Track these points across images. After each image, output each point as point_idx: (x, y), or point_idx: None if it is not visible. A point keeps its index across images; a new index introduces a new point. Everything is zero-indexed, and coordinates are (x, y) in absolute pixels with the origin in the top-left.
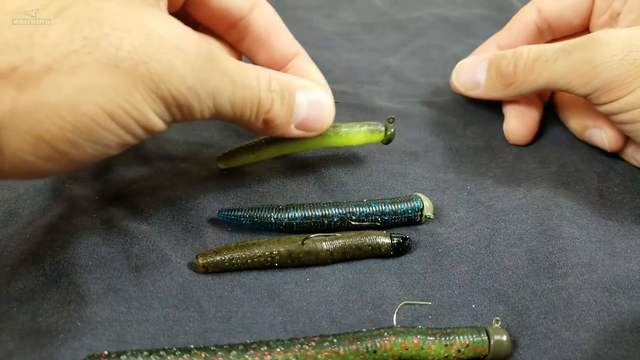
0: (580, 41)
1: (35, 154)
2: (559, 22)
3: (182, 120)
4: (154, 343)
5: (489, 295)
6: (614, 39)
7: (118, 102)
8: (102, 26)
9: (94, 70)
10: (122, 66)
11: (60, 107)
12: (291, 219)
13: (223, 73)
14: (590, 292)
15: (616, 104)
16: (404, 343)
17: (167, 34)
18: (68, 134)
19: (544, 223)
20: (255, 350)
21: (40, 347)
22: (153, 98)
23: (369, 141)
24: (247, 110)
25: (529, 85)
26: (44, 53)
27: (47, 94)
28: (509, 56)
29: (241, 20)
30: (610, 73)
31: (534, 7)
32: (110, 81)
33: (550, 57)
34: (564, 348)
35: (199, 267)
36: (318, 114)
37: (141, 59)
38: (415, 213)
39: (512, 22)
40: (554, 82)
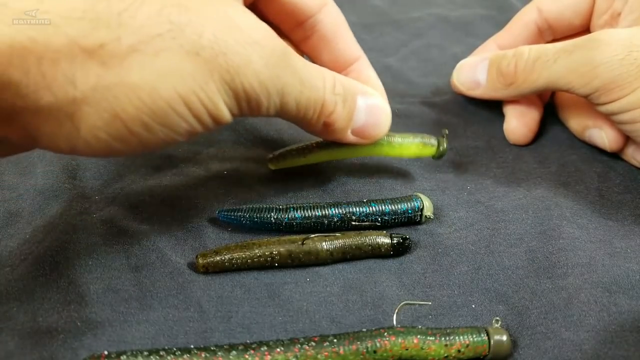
0: (580, 41)
1: (110, 132)
2: (559, 22)
3: (247, 114)
4: (154, 343)
5: (489, 295)
6: (615, 39)
7: (194, 89)
8: (188, 12)
9: (177, 56)
10: (202, 55)
11: (140, 88)
12: (291, 219)
13: (294, 71)
14: (590, 292)
15: (617, 104)
16: (404, 343)
17: (246, 27)
18: (143, 115)
19: (544, 223)
20: (256, 351)
21: (40, 347)
22: (226, 90)
23: (419, 154)
24: (310, 111)
25: (530, 85)
26: (131, 33)
27: (130, 74)
28: (510, 56)
29: (309, 19)
30: (610, 73)
31: (535, 7)
32: (190, 68)
33: (551, 57)
34: (564, 348)
35: (199, 267)
36: (376, 122)
37: (221, 49)
38: (415, 213)
39: (513, 22)
40: (555, 82)
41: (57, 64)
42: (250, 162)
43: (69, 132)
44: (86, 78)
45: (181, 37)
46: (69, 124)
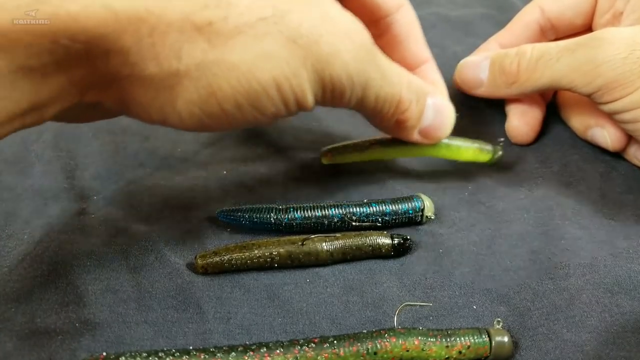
0: (583, 40)
1: (203, 108)
2: (561, 21)
3: (329, 104)
4: (152, 344)
5: (490, 296)
6: (617, 38)
7: (287, 75)
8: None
9: (276, 41)
10: (299, 42)
11: (239, 68)
12: (291, 220)
13: (378, 66)
14: (592, 293)
15: (619, 102)
16: (405, 344)
17: (340, 19)
18: (238, 95)
19: (545, 224)
20: (255, 352)
21: (39, 348)
22: (315, 78)
23: (474, 159)
24: (387, 106)
25: (532, 84)
26: (238, 14)
27: (232, 53)
28: (512, 55)
29: (386, 18)
30: (613, 72)
31: (537, 7)
32: (286, 54)
33: (554, 55)
34: (565, 349)
35: (198, 268)
36: (441, 123)
37: (315, 39)
38: (416, 213)
39: (514, 22)
40: (557, 81)
41: (167, 36)
42: (249, 162)
43: (163, 104)
44: (192, 53)
45: (282, 23)
46: (166, 95)
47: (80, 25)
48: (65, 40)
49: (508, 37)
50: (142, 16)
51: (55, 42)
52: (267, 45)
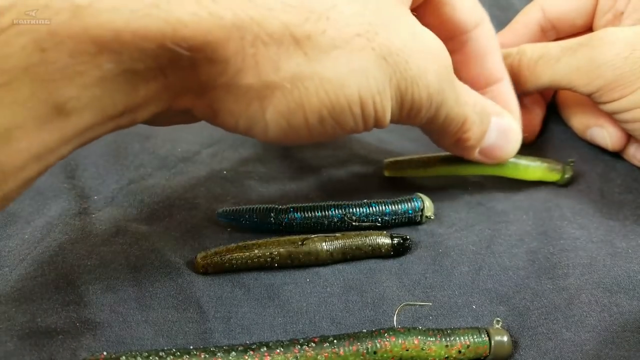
0: (584, 40)
1: (289, 120)
2: (562, 22)
3: (400, 122)
4: (153, 344)
5: (489, 296)
6: (618, 38)
7: (373, 93)
8: (382, 17)
9: (369, 58)
10: (389, 60)
11: (330, 83)
12: (291, 220)
13: (453, 86)
14: (591, 292)
15: (620, 102)
16: (405, 344)
17: (426, 38)
18: (324, 109)
19: (544, 224)
20: (255, 351)
21: (39, 347)
22: (397, 97)
23: (544, 179)
24: (453, 125)
25: (533, 83)
26: (336, 29)
27: (325, 68)
28: (513, 54)
29: (463, 35)
30: (614, 72)
31: (538, 7)
32: (376, 72)
33: (554, 55)
34: (565, 349)
35: (198, 268)
36: (504, 144)
37: (405, 58)
38: (415, 213)
39: (515, 22)
40: (558, 81)
41: (267, 47)
42: (249, 162)
43: (253, 114)
44: (288, 65)
45: (375, 40)
46: (257, 106)
47: (188, 31)
48: (173, 45)
49: (510, 37)
50: (247, 25)
51: (163, 47)
52: (359, 62)
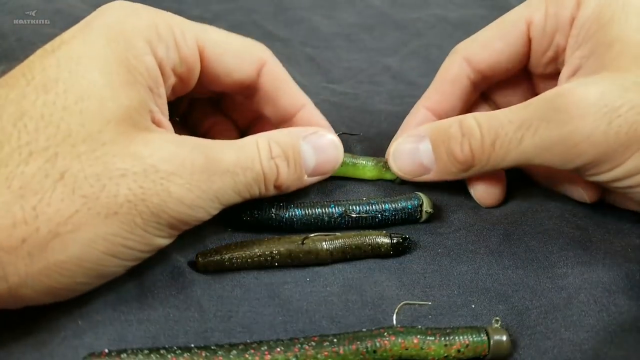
0: (542, 112)
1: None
2: (495, 71)
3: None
4: (154, 342)
5: (488, 295)
6: (587, 108)
7: (120, 243)
8: (100, 179)
9: (95, 224)
10: (120, 211)
11: (67, 263)
12: (292, 216)
13: (222, 172)
14: (590, 291)
15: (609, 174)
16: (404, 343)
17: (160, 162)
18: (78, 277)
19: (543, 223)
20: (256, 350)
21: (41, 345)
22: (155, 226)
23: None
24: (254, 189)
25: (495, 167)
26: (48, 220)
27: (55, 255)
28: (457, 135)
29: (251, 84)
30: (595, 149)
31: (461, 59)
32: (111, 229)
33: (512, 135)
34: (563, 348)
35: (199, 267)
36: (326, 158)
37: (139, 198)
38: (415, 208)
39: (440, 80)
40: (527, 161)
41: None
42: None
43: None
44: (15, 271)
45: (96, 206)
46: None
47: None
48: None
49: (437, 99)
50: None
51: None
52: (87, 232)
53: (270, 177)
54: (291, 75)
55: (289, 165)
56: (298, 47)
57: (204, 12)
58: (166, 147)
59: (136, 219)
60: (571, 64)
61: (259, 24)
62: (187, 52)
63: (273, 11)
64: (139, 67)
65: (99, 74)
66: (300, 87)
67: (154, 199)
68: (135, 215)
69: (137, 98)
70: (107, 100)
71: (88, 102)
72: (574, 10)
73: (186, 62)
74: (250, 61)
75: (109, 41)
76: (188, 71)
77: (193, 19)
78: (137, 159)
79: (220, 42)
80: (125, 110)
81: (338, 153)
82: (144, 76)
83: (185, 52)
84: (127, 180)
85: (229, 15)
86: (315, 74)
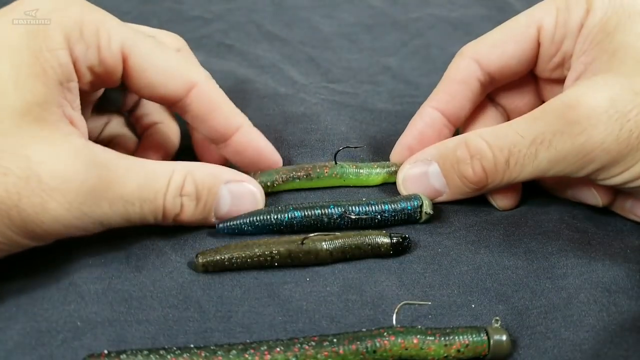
0: (555, 125)
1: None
2: (503, 73)
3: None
4: (154, 343)
5: (488, 295)
6: (600, 117)
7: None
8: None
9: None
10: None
11: None
12: (291, 218)
13: (114, 199)
14: (590, 292)
15: (620, 177)
16: (404, 343)
17: (47, 174)
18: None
19: (543, 225)
20: (255, 350)
21: (40, 346)
22: (22, 233)
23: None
24: (148, 219)
25: (511, 182)
26: None
27: None
28: (467, 158)
29: (178, 102)
30: (608, 155)
31: (471, 61)
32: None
33: (525, 152)
34: (563, 348)
35: (198, 267)
36: (240, 210)
37: (14, 203)
38: (414, 209)
39: (448, 81)
40: (542, 174)
41: None
42: None
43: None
44: None
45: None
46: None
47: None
48: None
49: (445, 100)
50: None
51: None
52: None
53: (171, 213)
54: (291, 75)
55: (197, 205)
56: (298, 47)
57: (204, 12)
58: (60, 158)
59: (4, 220)
60: (576, 70)
61: (259, 24)
62: (107, 55)
63: (273, 11)
64: (51, 61)
65: (8, 63)
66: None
67: (28, 209)
68: (5, 217)
69: (43, 92)
70: (9, 92)
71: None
72: (582, 18)
73: (105, 64)
74: (176, 81)
75: (27, 31)
76: (106, 73)
77: (193, 19)
78: (25, 161)
79: (147, 56)
80: (27, 104)
81: (255, 206)
82: (55, 70)
83: (106, 56)
84: (7, 180)
85: (229, 15)
86: (315, 74)
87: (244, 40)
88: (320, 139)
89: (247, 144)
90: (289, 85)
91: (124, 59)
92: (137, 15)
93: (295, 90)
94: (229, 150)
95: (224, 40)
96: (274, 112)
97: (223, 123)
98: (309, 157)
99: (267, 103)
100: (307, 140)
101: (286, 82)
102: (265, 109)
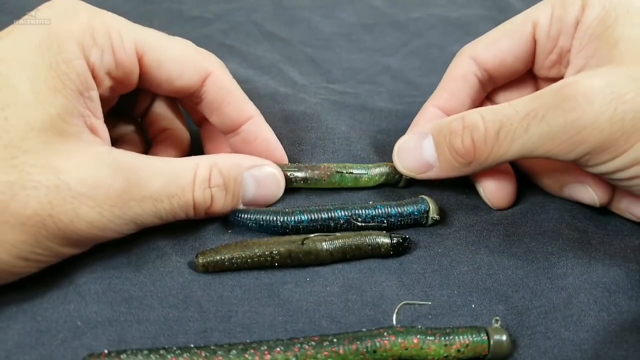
0: (550, 101)
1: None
2: (500, 71)
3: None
4: (154, 343)
5: (488, 295)
6: (594, 93)
7: (28, 250)
8: (12, 187)
9: (3, 231)
10: (28, 223)
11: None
12: (297, 222)
13: (143, 198)
14: (590, 292)
15: (612, 163)
16: (404, 343)
17: (75, 181)
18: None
19: (543, 225)
20: (255, 350)
21: (40, 346)
22: (61, 241)
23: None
24: (179, 215)
25: (497, 159)
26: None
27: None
28: (459, 130)
29: (194, 93)
30: (599, 136)
31: (468, 59)
32: (18, 237)
33: (517, 125)
34: (563, 348)
35: (199, 267)
36: (266, 192)
37: (47, 213)
38: (421, 215)
39: (448, 79)
40: (529, 152)
41: None
42: None
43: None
44: None
45: (5, 214)
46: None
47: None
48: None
49: (446, 97)
50: None
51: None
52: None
53: (202, 206)
54: (291, 75)
55: (226, 195)
56: (298, 47)
57: (204, 12)
58: (86, 165)
59: (42, 232)
60: (576, 64)
61: (259, 24)
62: (123, 57)
63: (273, 11)
64: (69, 72)
65: (26, 79)
66: (301, 87)
67: (62, 217)
68: (42, 228)
69: (64, 104)
70: (31, 107)
71: (13, 108)
72: (578, 14)
73: (122, 66)
74: (192, 70)
75: (40, 43)
76: (124, 75)
77: (193, 19)
78: (53, 172)
79: (161, 49)
80: (50, 118)
81: (278, 187)
82: (73, 81)
83: (122, 57)
84: (39, 193)
85: (229, 15)
86: (315, 74)
87: (244, 41)
88: (321, 137)
89: (257, 134)
90: (289, 85)
91: (139, 57)
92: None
93: (296, 90)
94: (239, 139)
95: (224, 40)
96: (274, 111)
97: (236, 112)
98: (309, 155)
99: (268, 102)
100: (307, 139)
101: (286, 82)
102: (265, 107)
